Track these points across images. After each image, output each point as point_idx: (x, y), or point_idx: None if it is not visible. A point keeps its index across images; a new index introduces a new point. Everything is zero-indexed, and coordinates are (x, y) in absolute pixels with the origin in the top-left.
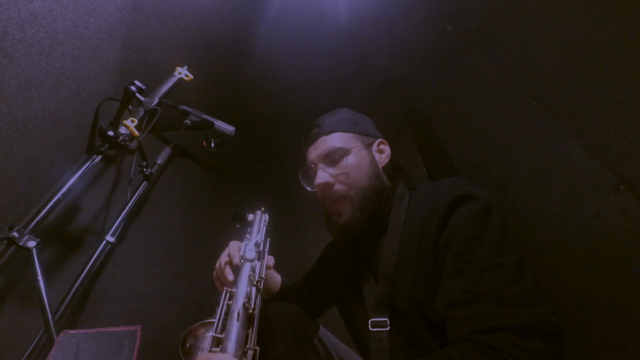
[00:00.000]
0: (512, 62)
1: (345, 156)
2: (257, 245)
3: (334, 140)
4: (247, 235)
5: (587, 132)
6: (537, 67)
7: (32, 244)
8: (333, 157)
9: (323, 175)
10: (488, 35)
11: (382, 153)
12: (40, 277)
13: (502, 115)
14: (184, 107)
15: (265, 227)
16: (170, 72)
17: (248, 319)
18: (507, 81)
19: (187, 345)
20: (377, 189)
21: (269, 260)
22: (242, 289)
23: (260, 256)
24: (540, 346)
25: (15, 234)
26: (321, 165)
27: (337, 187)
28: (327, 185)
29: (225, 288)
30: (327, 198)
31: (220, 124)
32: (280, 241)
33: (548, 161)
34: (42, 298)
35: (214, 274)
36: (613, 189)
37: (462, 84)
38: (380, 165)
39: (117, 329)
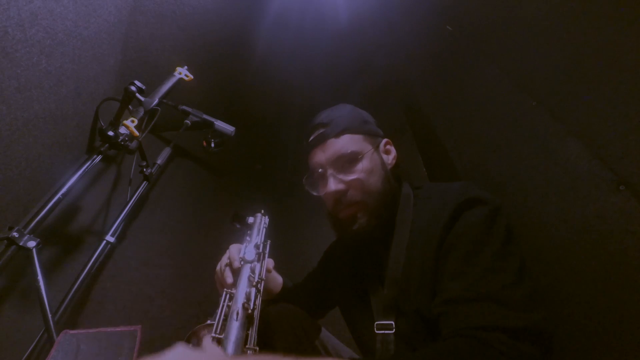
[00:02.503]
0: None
1: (359, 161)
2: (256, 247)
3: (345, 143)
4: (247, 238)
5: (587, 132)
6: (537, 67)
7: (32, 244)
8: (345, 162)
9: (335, 182)
10: (488, 35)
11: (389, 154)
12: (40, 277)
13: (502, 115)
14: (184, 107)
15: (265, 230)
16: (170, 72)
17: (247, 320)
18: (507, 81)
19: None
20: (389, 193)
21: (269, 263)
22: (242, 290)
23: (260, 257)
24: (529, 349)
25: (15, 234)
26: (331, 170)
27: (351, 193)
28: (340, 193)
29: (225, 290)
30: (339, 204)
31: (220, 124)
32: (280, 241)
33: (548, 161)
34: (42, 298)
35: (215, 276)
36: (613, 189)
37: (462, 84)
38: (389, 167)
39: (117, 329)
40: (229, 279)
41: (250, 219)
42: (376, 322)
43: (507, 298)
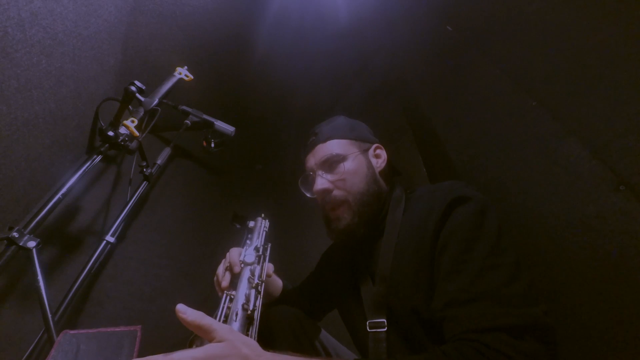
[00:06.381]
0: (505, 63)
1: (342, 162)
2: (256, 249)
3: (331, 147)
4: (247, 241)
5: (587, 132)
6: (537, 67)
7: (32, 244)
8: (330, 164)
9: (322, 181)
10: (488, 35)
11: (379, 158)
12: (40, 277)
13: (502, 115)
14: (184, 107)
15: (265, 233)
16: (170, 72)
17: (247, 320)
18: (507, 81)
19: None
20: (374, 194)
21: (269, 268)
22: (242, 292)
23: (259, 260)
24: (534, 347)
25: (15, 234)
26: (319, 172)
27: (336, 192)
28: (325, 192)
29: (225, 292)
30: (326, 204)
31: (220, 124)
32: (279, 242)
33: (548, 161)
34: (42, 298)
35: (215, 279)
36: (613, 189)
37: (462, 84)
38: (377, 170)
39: (117, 329)
40: (225, 282)
41: (251, 223)
42: (368, 321)
43: (505, 295)
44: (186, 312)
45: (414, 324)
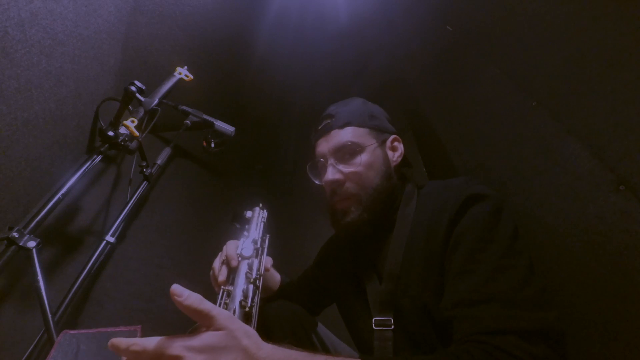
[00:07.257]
0: (508, 62)
1: (358, 154)
2: (254, 242)
3: (348, 134)
4: (245, 233)
5: (587, 132)
6: (537, 67)
7: (32, 244)
8: (345, 153)
9: (333, 172)
10: (488, 35)
11: (396, 151)
12: (40, 277)
13: (502, 115)
14: (184, 107)
15: (263, 224)
16: (170, 72)
17: (245, 317)
18: (507, 81)
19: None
20: (386, 190)
21: (267, 261)
22: (239, 288)
23: (257, 253)
24: (545, 352)
25: (15, 234)
26: (332, 160)
27: (348, 185)
28: (336, 183)
29: (222, 287)
30: (335, 195)
31: (220, 124)
32: (280, 241)
33: (548, 161)
34: (42, 298)
35: (211, 274)
36: (613, 189)
37: (462, 84)
38: (393, 165)
39: (117, 329)
40: (222, 276)
41: (249, 213)
42: (374, 318)
43: (518, 298)
44: (182, 294)
45: (423, 323)
